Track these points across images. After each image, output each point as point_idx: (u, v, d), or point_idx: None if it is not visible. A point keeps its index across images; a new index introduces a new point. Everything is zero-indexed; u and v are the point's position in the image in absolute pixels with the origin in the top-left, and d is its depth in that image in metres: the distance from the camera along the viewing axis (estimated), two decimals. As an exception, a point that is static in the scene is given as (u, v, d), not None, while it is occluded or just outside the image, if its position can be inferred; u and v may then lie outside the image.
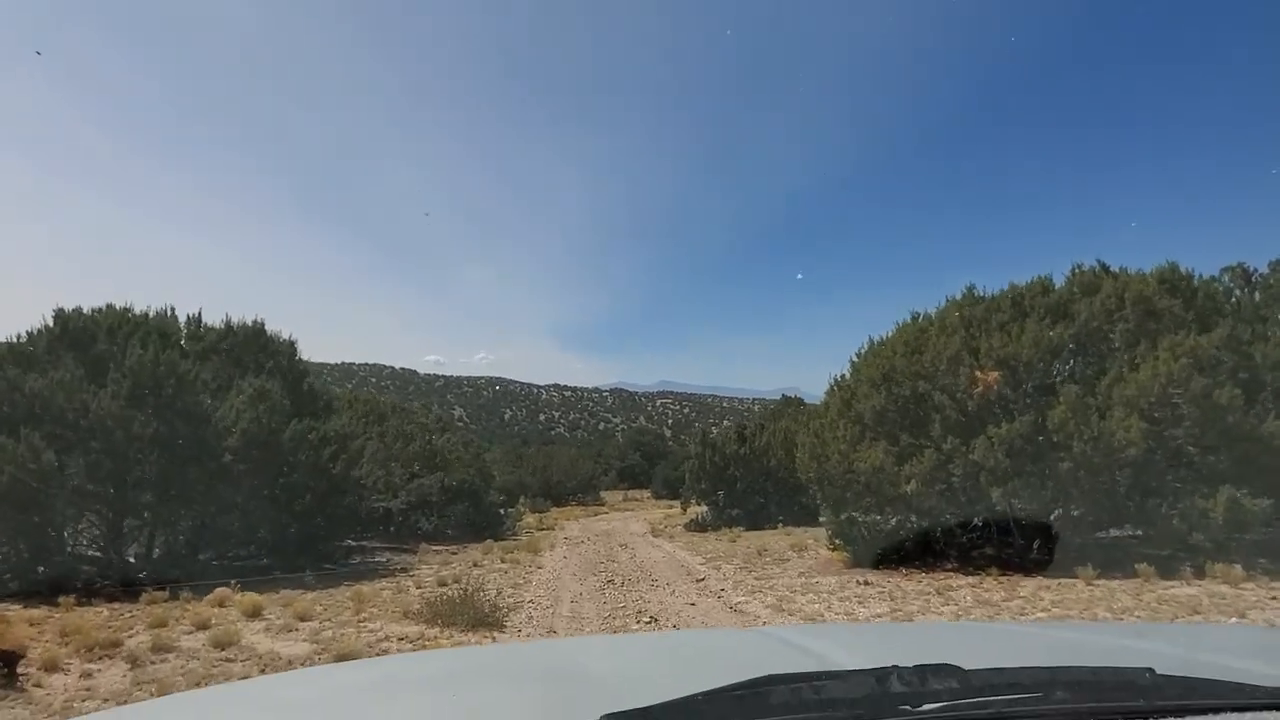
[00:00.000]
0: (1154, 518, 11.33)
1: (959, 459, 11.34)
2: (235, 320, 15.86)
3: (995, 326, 11.92)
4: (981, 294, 13.00)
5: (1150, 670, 1.01)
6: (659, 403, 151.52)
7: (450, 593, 10.44)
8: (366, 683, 1.50)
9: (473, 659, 1.97)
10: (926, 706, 0.91)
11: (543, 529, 25.84)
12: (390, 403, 21.87)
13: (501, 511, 24.57)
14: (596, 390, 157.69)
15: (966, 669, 1.00)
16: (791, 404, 44.23)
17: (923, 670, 0.98)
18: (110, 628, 9.66)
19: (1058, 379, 11.69)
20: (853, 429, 12.91)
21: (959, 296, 13.10)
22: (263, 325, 16.04)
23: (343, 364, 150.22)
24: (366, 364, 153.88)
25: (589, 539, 21.79)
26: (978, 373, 11.17)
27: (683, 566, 14.93)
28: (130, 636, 9.04)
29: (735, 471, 24.68)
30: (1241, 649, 1.52)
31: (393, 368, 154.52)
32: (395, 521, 20.77)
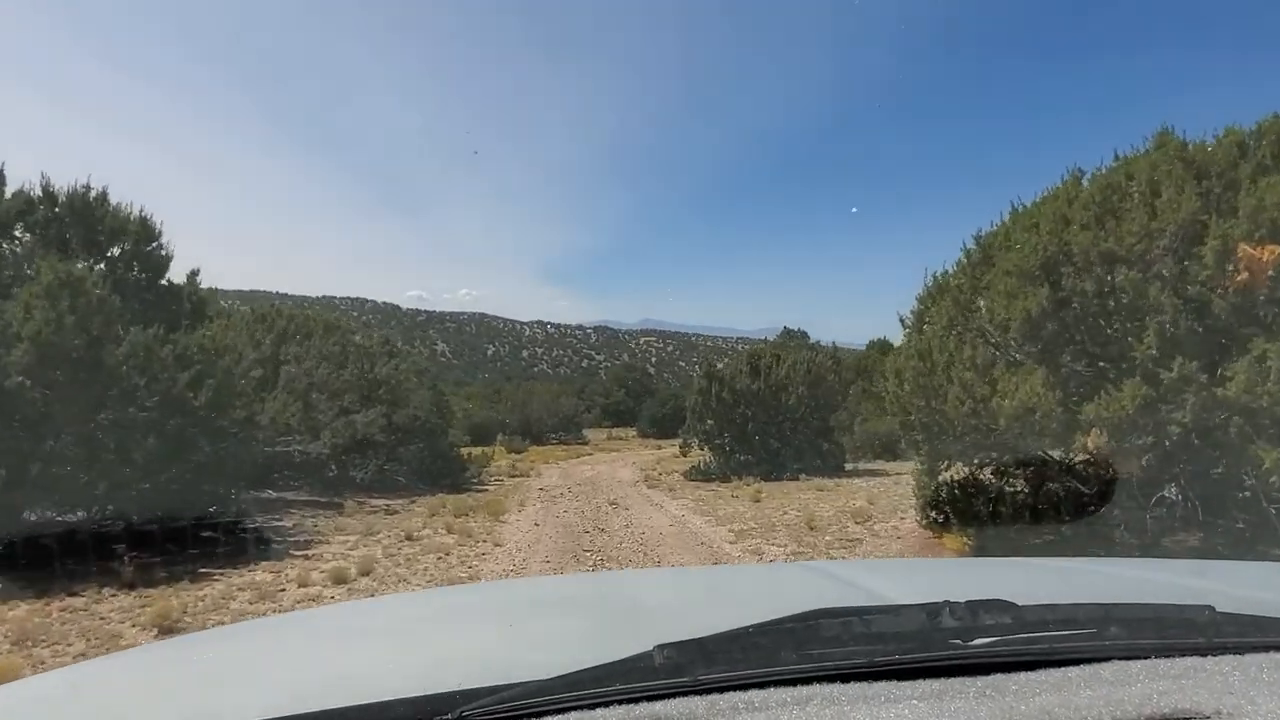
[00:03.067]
0: None
1: (1193, 394, 6.47)
2: (60, 186, 10.51)
3: (1246, 177, 6.93)
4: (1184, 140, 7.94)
5: (1210, 608, 0.93)
6: (643, 340, 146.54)
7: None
8: (428, 612, 1.50)
9: (527, 590, 1.96)
10: (978, 641, 0.87)
11: (515, 476, 21.03)
12: (320, 318, 16.68)
13: (465, 455, 19.66)
14: (580, 327, 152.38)
15: (1019, 604, 0.92)
16: (794, 338, 39.53)
17: (974, 605, 0.92)
18: None
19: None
20: (981, 350, 7.96)
21: (1147, 147, 8.04)
22: (104, 194, 10.72)
23: (323, 297, 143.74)
24: (347, 298, 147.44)
25: (569, 491, 16.99)
26: (1246, 247, 6.24)
27: (704, 544, 10.11)
28: None
29: (747, 410, 19.85)
30: None
31: (374, 302, 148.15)
32: (325, 468, 15.82)
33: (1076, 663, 0.83)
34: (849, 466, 20.78)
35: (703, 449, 20.91)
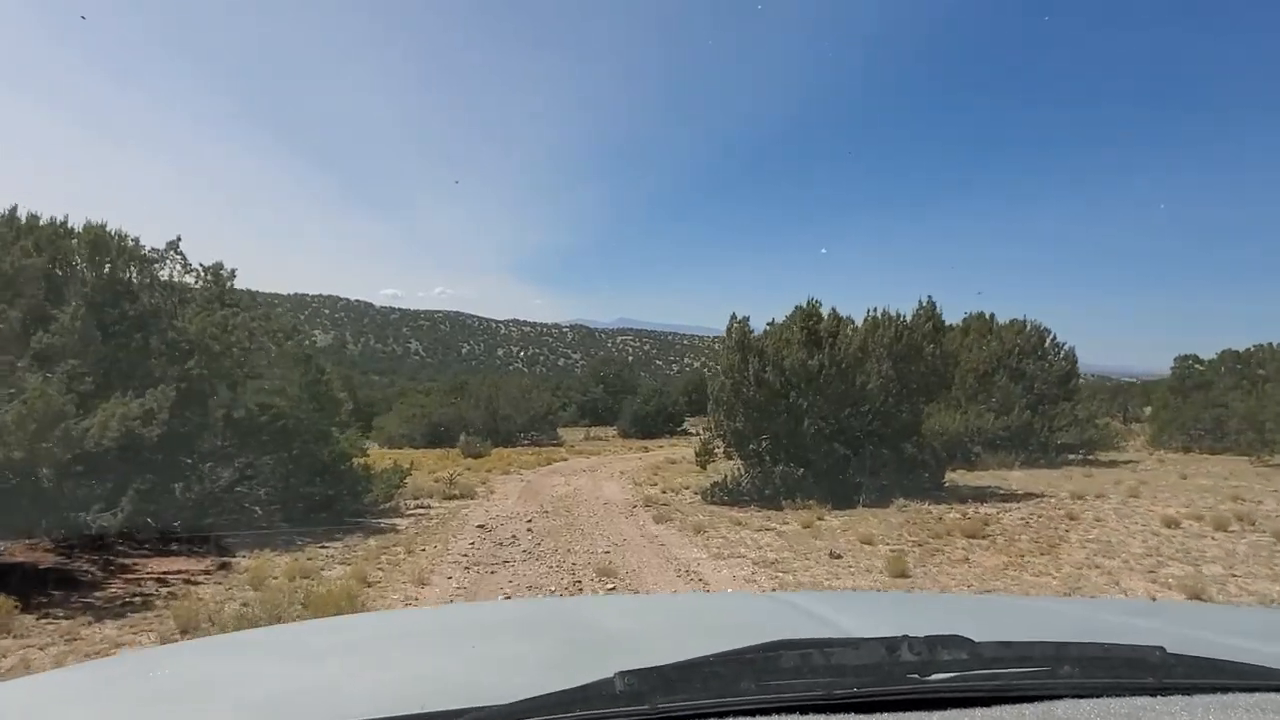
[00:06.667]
0: None
1: None
2: None
3: None
4: None
5: (1161, 648, 0.90)
6: (619, 339, 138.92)
7: None
8: (390, 633, 1.42)
9: (493, 614, 1.83)
10: (935, 676, 0.84)
11: (452, 497, 13.38)
12: (48, 227, 8.86)
13: (366, 468, 11.97)
14: (556, 326, 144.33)
15: (976, 641, 0.89)
16: (807, 313, 32.24)
17: (933, 640, 0.88)
18: None
19: None
20: None
21: None
22: None
23: (295, 294, 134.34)
24: (320, 295, 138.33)
25: (528, 529, 9.48)
26: None
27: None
28: None
29: (801, 400, 12.43)
30: (1251, 630, 1.34)
31: (347, 299, 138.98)
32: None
33: (1031, 700, 0.82)
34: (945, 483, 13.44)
35: (730, 456, 13.44)
